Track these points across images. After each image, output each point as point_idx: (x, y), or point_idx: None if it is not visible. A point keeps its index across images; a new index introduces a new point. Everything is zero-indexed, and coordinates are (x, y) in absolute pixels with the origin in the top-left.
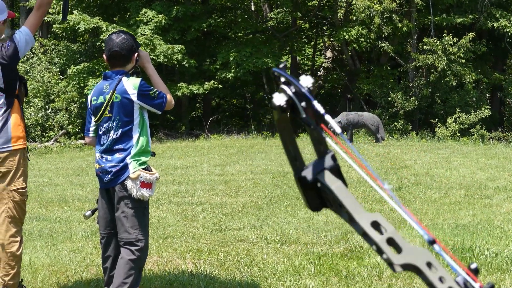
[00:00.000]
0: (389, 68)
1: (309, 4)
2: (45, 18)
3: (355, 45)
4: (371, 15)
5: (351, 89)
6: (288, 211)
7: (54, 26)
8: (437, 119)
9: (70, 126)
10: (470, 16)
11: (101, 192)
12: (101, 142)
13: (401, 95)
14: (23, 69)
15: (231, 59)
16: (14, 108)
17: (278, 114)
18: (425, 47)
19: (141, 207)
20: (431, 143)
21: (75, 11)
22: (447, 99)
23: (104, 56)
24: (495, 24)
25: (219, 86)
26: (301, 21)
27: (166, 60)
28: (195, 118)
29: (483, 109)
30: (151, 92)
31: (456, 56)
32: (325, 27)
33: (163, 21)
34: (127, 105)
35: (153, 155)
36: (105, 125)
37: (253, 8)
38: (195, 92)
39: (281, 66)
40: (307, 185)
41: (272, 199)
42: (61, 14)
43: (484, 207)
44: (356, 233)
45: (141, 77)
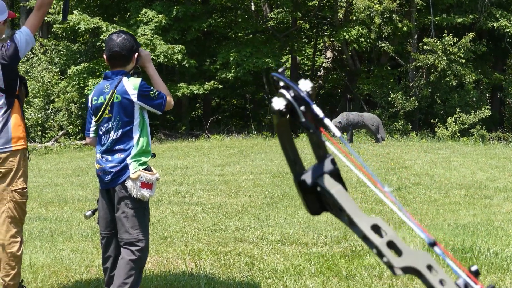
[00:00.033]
0: (389, 68)
1: (309, 4)
2: (45, 18)
3: (355, 45)
4: (371, 15)
5: (351, 89)
6: (288, 211)
7: (54, 26)
8: (437, 119)
9: (70, 126)
10: (470, 16)
11: (102, 192)
12: (102, 142)
13: (401, 95)
14: (23, 69)
15: (231, 59)
16: (14, 108)
17: (277, 118)
18: (425, 47)
19: (141, 207)
20: (431, 143)
21: (75, 11)
22: (447, 99)
23: (104, 56)
24: (495, 24)
25: (219, 86)
26: (301, 21)
27: (166, 60)
28: (195, 118)
29: (483, 109)
30: (151, 92)
31: (456, 56)
32: (325, 27)
33: (163, 21)
34: (128, 105)
35: (154, 156)
36: (105, 125)
37: (253, 8)
38: (195, 92)
39: (280, 70)
40: (307, 189)
41: (272, 199)
42: (61, 14)
43: (484, 207)
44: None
45: (141, 78)
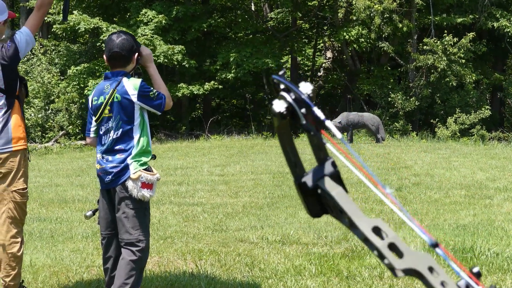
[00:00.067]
0: (389, 68)
1: (309, 4)
2: (45, 18)
3: (355, 45)
4: (371, 15)
5: (351, 89)
6: (288, 211)
7: (54, 26)
8: (437, 120)
9: (70, 126)
10: (470, 16)
11: (102, 192)
12: (102, 142)
13: (401, 96)
14: (23, 69)
15: (231, 59)
16: (14, 109)
17: (278, 120)
18: (425, 47)
19: (142, 208)
20: (432, 143)
21: (75, 12)
22: (447, 99)
23: (104, 56)
24: (495, 24)
25: (219, 86)
26: (301, 21)
27: (166, 60)
28: (195, 118)
29: (483, 109)
30: (150, 93)
31: (456, 56)
32: (325, 27)
33: (163, 21)
34: (128, 105)
35: (154, 157)
36: (105, 125)
37: (253, 8)
38: (195, 92)
39: (281, 73)
40: (308, 191)
41: (272, 200)
42: (61, 14)
43: (484, 207)
44: None
45: (141, 78)
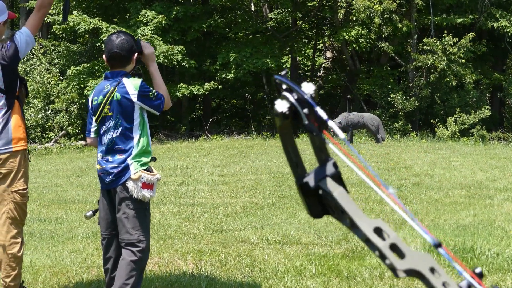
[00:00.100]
0: (389, 68)
1: (309, 4)
2: (45, 19)
3: (355, 46)
4: (371, 15)
5: (351, 89)
6: (289, 211)
7: (54, 27)
8: (437, 120)
9: (70, 127)
10: (470, 16)
11: (102, 193)
12: (102, 142)
13: (401, 96)
14: (23, 70)
15: (231, 59)
16: (14, 109)
17: (280, 121)
18: (425, 47)
19: (142, 208)
20: (431, 143)
21: (75, 12)
22: (447, 99)
23: (103, 57)
24: (495, 24)
25: (219, 86)
26: (301, 22)
27: (166, 60)
28: (195, 119)
29: (483, 109)
30: (150, 93)
31: (456, 56)
32: (325, 28)
33: (163, 22)
34: (128, 105)
35: (154, 160)
36: (106, 124)
37: (253, 8)
38: (195, 92)
39: (283, 73)
40: (309, 192)
41: (272, 200)
42: (61, 14)
43: (484, 208)
44: None
45: (142, 78)
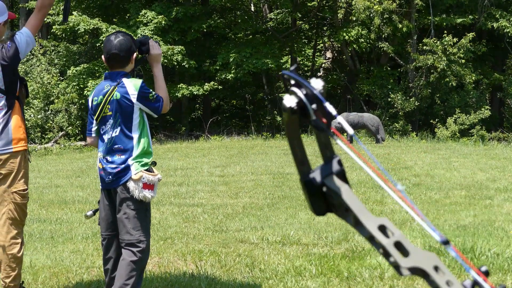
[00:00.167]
0: (389, 68)
1: (309, 4)
2: (45, 19)
3: (355, 46)
4: (371, 15)
5: (351, 89)
6: (289, 212)
7: (53, 27)
8: (437, 120)
9: (69, 127)
10: (470, 16)
11: (103, 193)
12: (103, 142)
13: (401, 96)
14: (23, 70)
15: (231, 60)
16: (15, 109)
17: (288, 116)
18: (425, 47)
19: (142, 209)
20: (431, 143)
21: (74, 12)
22: (447, 99)
23: (102, 57)
24: (495, 24)
25: (219, 87)
26: (301, 22)
27: (166, 61)
28: (195, 119)
29: (483, 109)
30: (150, 95)
31: (456, 56)
32: (325, 28)
33: (163, 22)
34: (127, 105)
35: (154, 164)
36: (106, 124)
37: (253, 9)
38: (195, 93)
39: (292, 68)
40: (313, 189)
41: (272, 200)
42: (60, 15)
43: (485, 208)
44: (357, 234)
45: (142, 79)
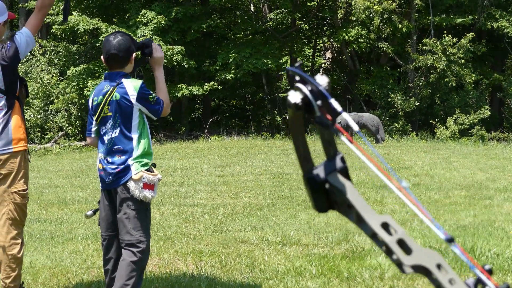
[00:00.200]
0: (388, 68)
1: (309, 5)
2: (45, 19)
3: (354, 46)
4: (371, 15)
5: (351, 89)
6: (289, 212)
7: (53, 27)
8: (437, 120)
9: (69, 127)
10: (469, 16)
11: (103, 193)
12: (103, 143)
13: (401, 96)
14: (22, 70)
15: (230, 60)
16: (15, 109)
17: (292, 112)
18: (424, 47)
19: (143, 209)
20: (431, 143)
21: (74, 12)
22: (446, 99)
23: (102, 58)
24: (495, 24)
25: (219, 87)
26: (300, 22)
27: (165, 61)
28: (194, 119)
29: (482, 109)
30: (150, 96)
31: (455, 56)
32: (324, 28)
33: (163, 22)
34: (127, 106)
35: (154, 166)
36: (106, 124)
37: (252, 9)
38: (194, 93)
39: (297, 64)
40: (316, 185)
41: (272, 200)
42: (60, 15)
43: (484, 208)
44: (357, 234)
45: (142, 80)
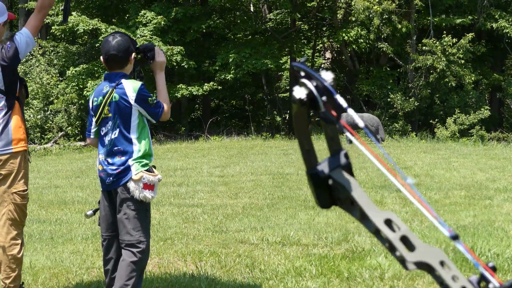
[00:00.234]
0: (388, 69)
1: (308, 5)
2: (45, 19)
3: (354, 46)
4: (371, 16)
5: (351, 90)
6: (288, 212)
7: (53, 27)
8: (436, 120)
9: (69, 127)
10: (469, 17)
11: (103, 194)
12: (103, 144)
13: (401, 96)
14: (22, 70)
15: (230, 60)
16: (15, 110)
17: (297, 107)
18: (424, 48)
19: (143, 209)
20: (431, 144)
21: (74, 13)
22: (446, 100)
23: (101, 58)
24: (494, 25)
25: (219, 87)
26: (300, 22)
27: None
28: (194, 119)
29: (482, 109)
30: (149, 98)
31: (455, 57)
32: (324, 28)
33: (162, 22)
34: (125, 107)
35: (154, 167)
36: (106, 125)
37: (252, 9)
38: (194, 93)
39: (302, 60)
40: (319, 181)
41: (272, 201)
42: (59, 15)
43: (484, 208)
44: (357, 234)
45: (142, 82)
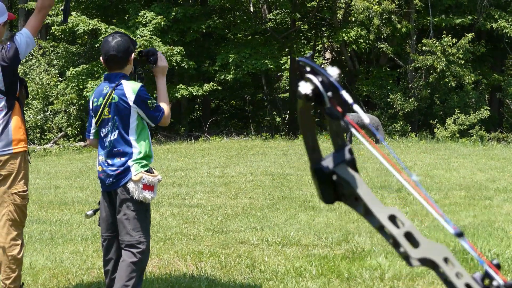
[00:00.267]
0: (388, 69)
1: (308, 5)
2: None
3: (354, 46)
4: (370, 16)
5: (350, 90)
6: (288, 212)
7: (53, 28)
8: (436, 120)
9: (69, 128)
10: (469, 17)
11: (103, 194)
12: (103, 145)
13: (400, 96)
14: (22, 71)
15: (230, 60)
16: (15, 110)
17: (302, 103)
18: (424, 48)
19: (142, 210)
20: (431, 144)
21: (73, 13)
22: (446, 100)
23: (101, 59)
24: (494, 25)
25: (218, 87)
26: (300, 22)
27: None
28: (194, 119)
29: (482, 110)
30: (149, 101)
31: (455, 57)
32: (324, 28)
33: (162, 23)
34: (124, 108)
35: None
36: (106, 126)
37: (252, 9)
38: (194, 93)
39: (308, 55)
40: (323, 176)
41: (272, 201)
42: (59, 15)
43: (484, 208)
44: (357, 235)
45: (142, 83)
